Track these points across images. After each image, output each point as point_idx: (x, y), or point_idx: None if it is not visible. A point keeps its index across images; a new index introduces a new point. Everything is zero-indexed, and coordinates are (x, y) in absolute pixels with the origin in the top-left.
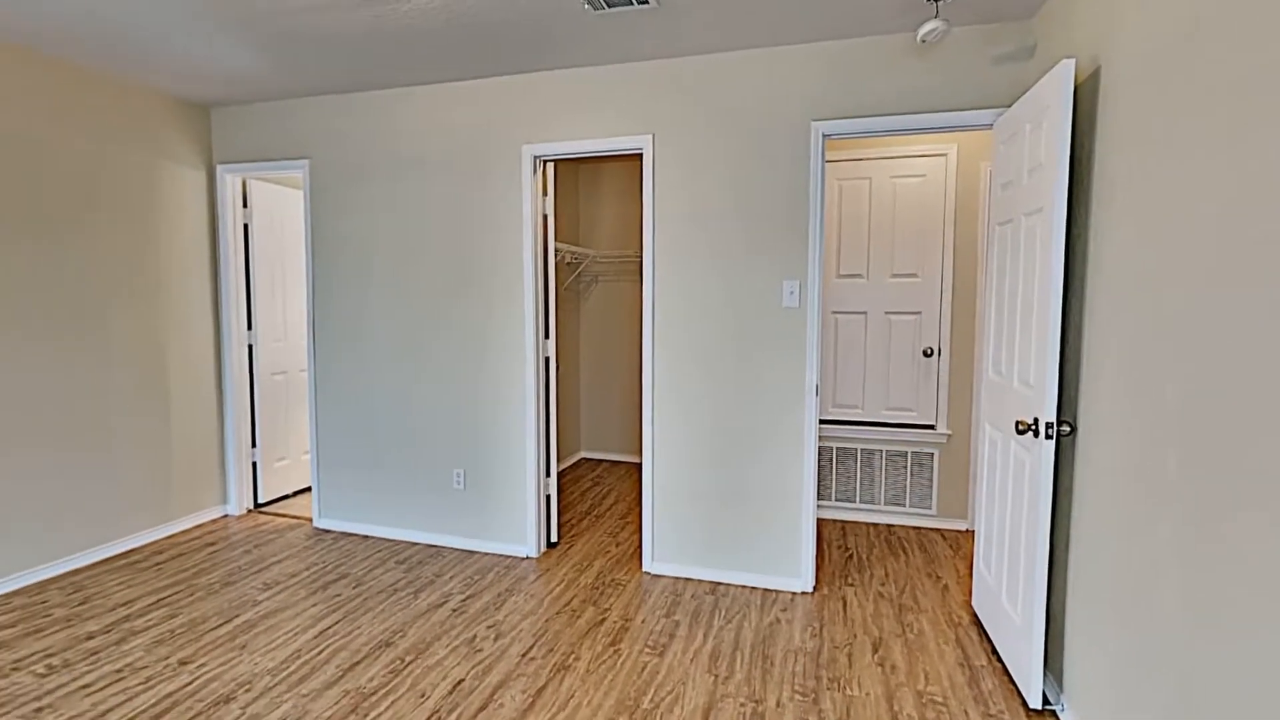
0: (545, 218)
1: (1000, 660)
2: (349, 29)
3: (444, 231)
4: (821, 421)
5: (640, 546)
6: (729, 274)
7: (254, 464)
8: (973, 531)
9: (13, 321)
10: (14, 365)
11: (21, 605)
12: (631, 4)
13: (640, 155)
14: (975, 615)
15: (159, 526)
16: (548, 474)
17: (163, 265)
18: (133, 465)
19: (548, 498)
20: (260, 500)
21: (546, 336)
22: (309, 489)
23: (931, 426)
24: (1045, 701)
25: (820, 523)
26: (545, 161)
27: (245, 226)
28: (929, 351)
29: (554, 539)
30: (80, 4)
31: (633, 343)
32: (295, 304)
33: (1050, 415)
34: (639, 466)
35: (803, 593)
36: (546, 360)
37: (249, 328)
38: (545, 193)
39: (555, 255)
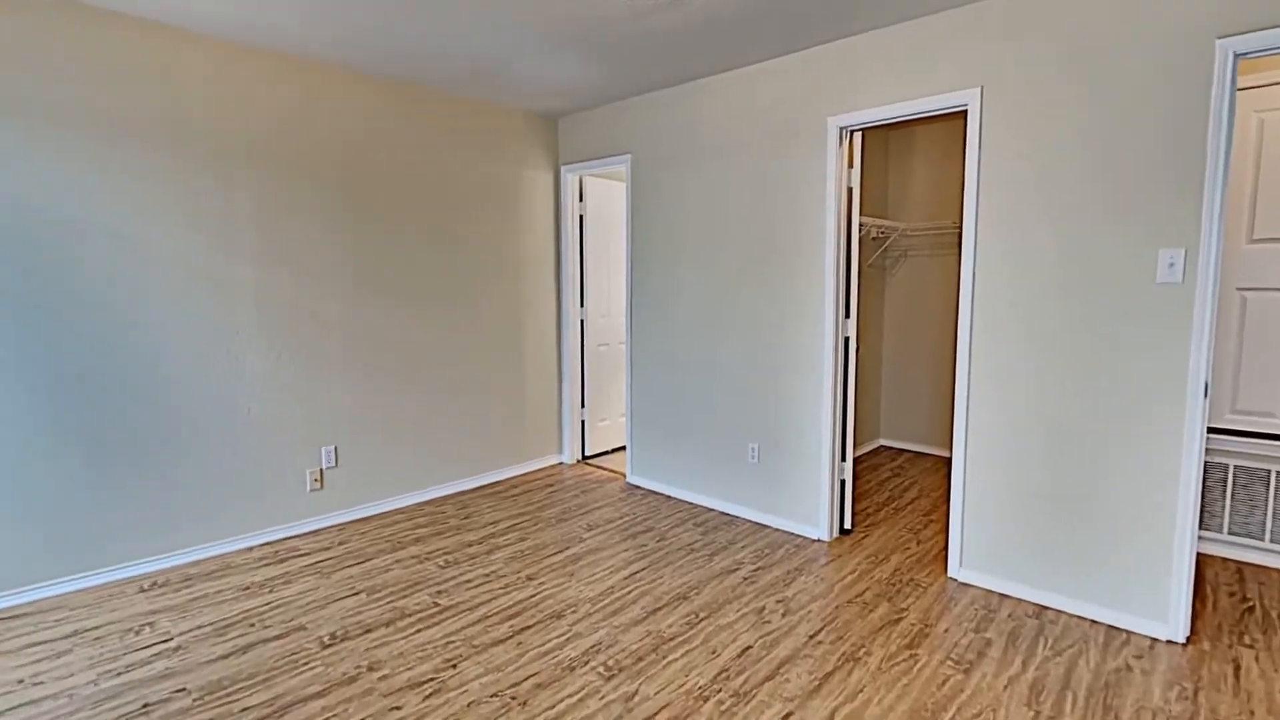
0: (850, 191)
1: None
2: (664, 27)
3: (746, 212)
4: (1211, 430)
5: (945, 549)
6: (1075, 242)
7: (582, 422)
8: None
9: (423, 293)
10: (424, 326)
11: (430, 513)
12: None
13: (963, 113)
14: None
15: (515, 465)
16: (843, 458)
17: (521, 252)
18: (500, 414)
19: (842, 482)
20: (587, 453)
21: (847, 315)
22: (624, 448)
23: None
24: None
25: (1202, 559)
26: (851, 132)
27: (580, 218)
28: None
29: (847, 525)
30: (471, 55)
31: (943, 324)
32: (617, 285)
33: None
34: (946, 461)
35: (1169, 641)
36: (845, 340)
37: (581, 305)
38: (851, 165)
39: (859, 230)
